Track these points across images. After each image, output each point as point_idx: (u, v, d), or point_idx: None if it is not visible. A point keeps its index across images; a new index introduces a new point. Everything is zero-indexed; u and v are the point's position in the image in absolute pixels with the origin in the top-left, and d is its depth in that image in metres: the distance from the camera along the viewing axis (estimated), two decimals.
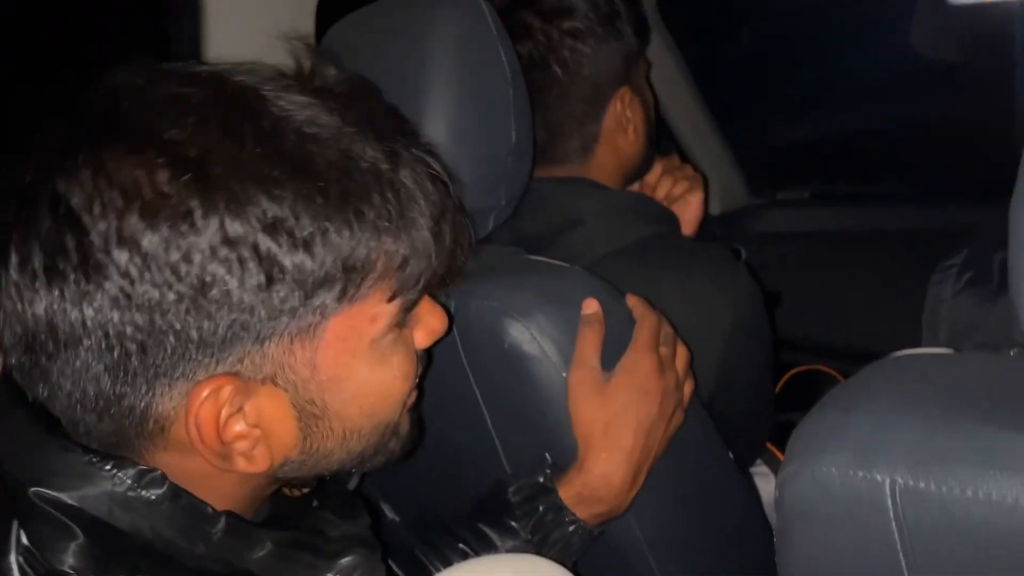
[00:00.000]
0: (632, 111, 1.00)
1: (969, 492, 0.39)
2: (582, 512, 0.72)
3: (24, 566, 0.48)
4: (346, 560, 0.56)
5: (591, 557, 0.76)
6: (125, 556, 0.49)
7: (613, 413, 0.72)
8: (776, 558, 0.50)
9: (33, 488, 0.49)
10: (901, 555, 0.41)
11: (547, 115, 0.97)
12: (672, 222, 1.02)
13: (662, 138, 1.69)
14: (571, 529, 0.72)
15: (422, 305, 0.59)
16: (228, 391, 0.50)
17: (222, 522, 0.52)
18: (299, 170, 0.48)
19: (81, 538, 0.48)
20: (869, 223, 1.68)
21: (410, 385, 0.59)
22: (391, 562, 0.75)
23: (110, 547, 0.49)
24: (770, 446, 1.09)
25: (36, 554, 0.48)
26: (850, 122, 1.95)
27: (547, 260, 0.81)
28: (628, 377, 0.73)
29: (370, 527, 0.63)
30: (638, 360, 0.73)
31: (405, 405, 0.60)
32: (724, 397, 0.93)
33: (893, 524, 0.42)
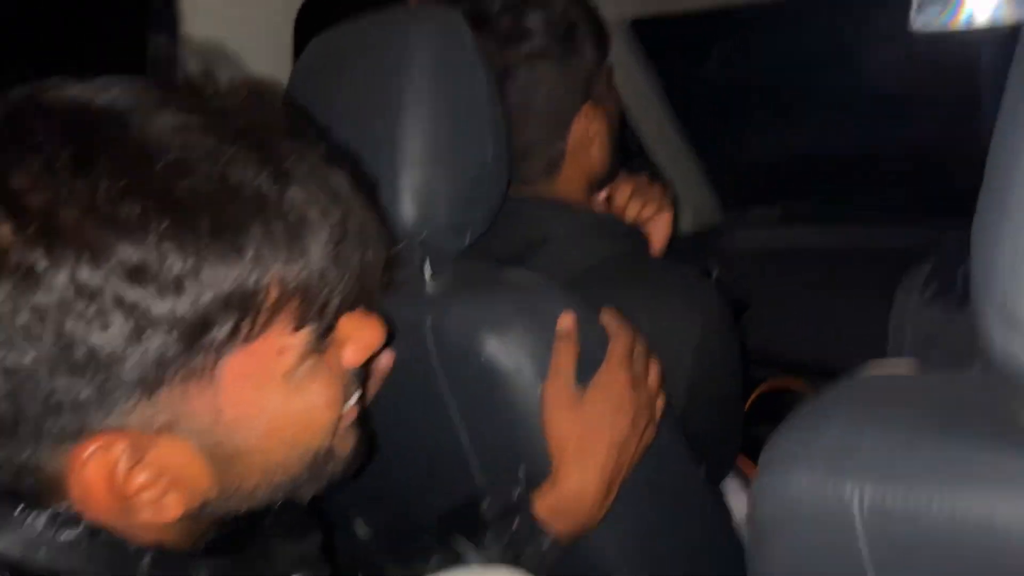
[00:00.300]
0: (597, 124, 1.00)
1: (935, 507, 0.40)
2: (555, 526, 0.72)
3: None
4: None
5: (562, 571, 0.77)
6: None
7: (587, 428, 0.72)
8: (748, 570, 0.51)
9: None
10: (870, 569, 0.42)
11: (511, 138, 0.97)
12: (640, 241, 1.03)
13: (634, 157, 1.71)
14: (543, 544, 0.72)
15: (348, 322, 0.54)
16: (120, 447, 0.46)
17: (147, 558, 0.50)
18: (164, 205, 0.44)
19: None
20: (838, 241, 1.70)
21: (337, 411, 0.55)
22: None
23: None
24: (740, 462, 1.10)
25: None
26: (820, 141, 1.98)
27: (524, 274, 0.82)
28: (603, 392, 0.73)
29: (322, 545, 0.62)
30: (613, 375, 0.74)
31: (336, 429, 0.55)
32: (694, 413, 0.94)
33: (861, 539, 0.42)
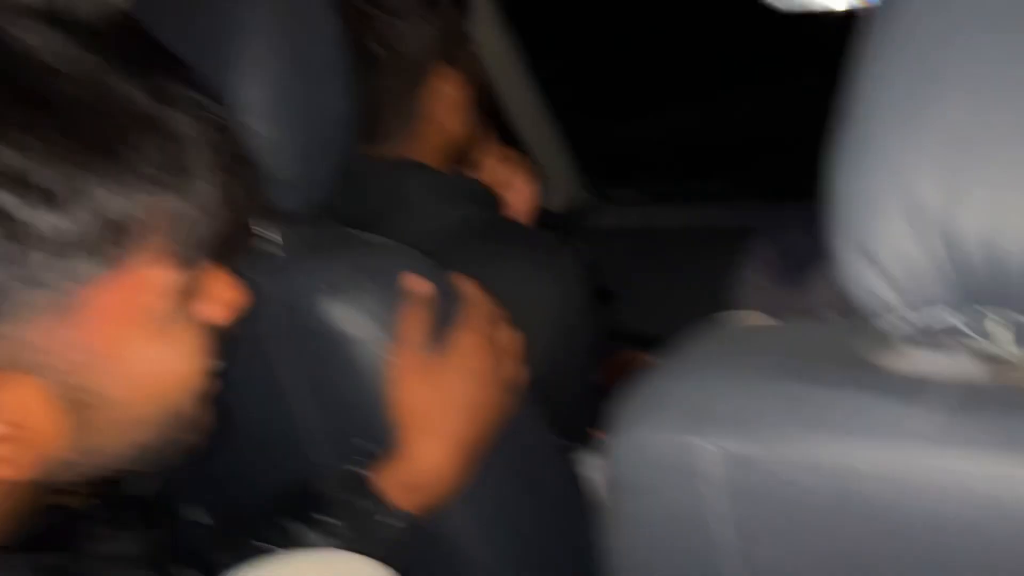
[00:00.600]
0: (455, 89, 0.97)
1: (796, 456, 0.38)
2: (405, 502, 0.67)
3: None
4: None
5: (418, 549, 0.72)
6: None
7: (439, 396, 0.67)
8: (605, 532, 0.47)
9: None
10: (728, 522, 0.39)
11: (362, 93, 0.92)
12: (498, 206, 1.00)
13: (499, 136, 1.69)
14: (392, 522, 0.66)
15: (215, 276, 0.52)
16: None
17: None
18: (46, 112, 0.41)
19: None
20: (702, 221, 1.74)
21: (202, 365, 0.52)
22: (176, 569, 0.68)
23: None
24: (597, 433, 1.09)
25: None
26: (684, 123, 2.01)
27: (372, 236, 0.76)
28: (456, 359, 0.69)
29: (157, 540, 0.57)
30: (466, 340, 0.70)
31: (196, 392, 0.53)
32: (549, 383, 0.91)
33: (719, 491, 0.40)
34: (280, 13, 0.71)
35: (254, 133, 0.70)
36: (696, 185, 1.85)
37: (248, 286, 0.60)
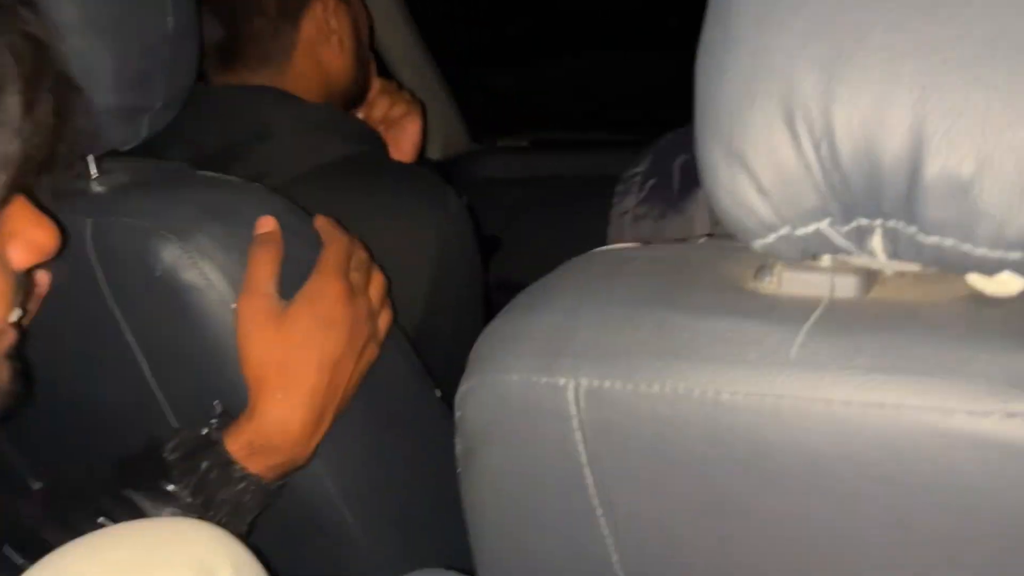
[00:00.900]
0: (338, 21, 0.90)
1: (655, 387, 0.34)
2: (255, 465, 0.61)
3: None
4: None
5: (276, 513, 0.66)
6: None
7: (291, 347, 0.61)
8: (460, 485, 0.43)
9: None
10: (586, 464, 0.35)
11: (231, 8, 0.84)
12: (377, 142, 0.93)
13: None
14: (241, 486, 0.60)
15: (20, 212, 0.47)
16: None
17: None
18: None
19: None
20: (584, 169, 1.71)
21: (5, 311, 0.47)
22: (8, 550, 0.61)
23: None
24: None
25: None
26: (566, 72, 1.98)
27: (214, 174, 0.68)
28: (310, 306, 0.62)
29: None
30: (322, 287, 0.63)
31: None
32: (432, 329, 0.87)
33: (577, 431, 0.36)
34: None
35: (69, 56, 0.61)
36: (581, 133, 1.83)
37: (61, 227, 0.53)
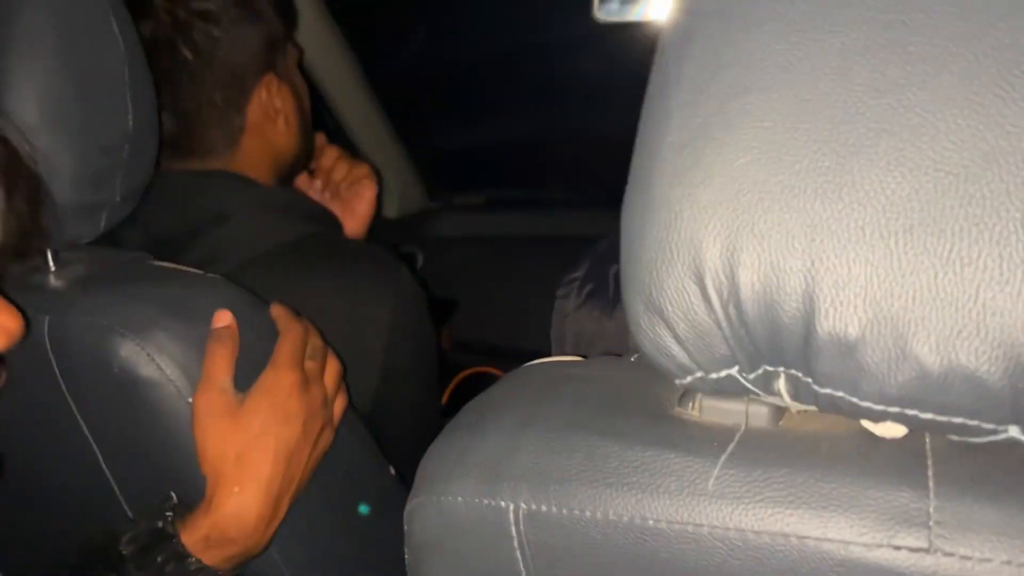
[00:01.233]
0: (281, 100, 0.92)
1: (588, 513, 0.37)
2: (211, 558, 0.62)
3: None
4: None
5: None
6: None
7: (247, 440, 0.63)
8: None
9: None
10: None
11: (181, 103, 0.86)
12: (330, 222, 0.96)
13: (337, 140, 1.64)
14: None
15: None
16: None
17: None
18: None
19: None
20: (536, 228, 1.75)
21: None
22: None
23: None
24: None
25: None
26: (522, 132, 2.03)
27: (172, 266, 0.70)
28: (266, 398, 0.64)
29: None
30: (278, 378, 0.66)
31: None
32: (387, 406, 0.88)
33: (518, 552, 0.38)
34: (57, 25, 0.64)
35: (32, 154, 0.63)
36: (536, 192, 1.86)
37: (23, 315, 0.55)
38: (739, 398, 0.38)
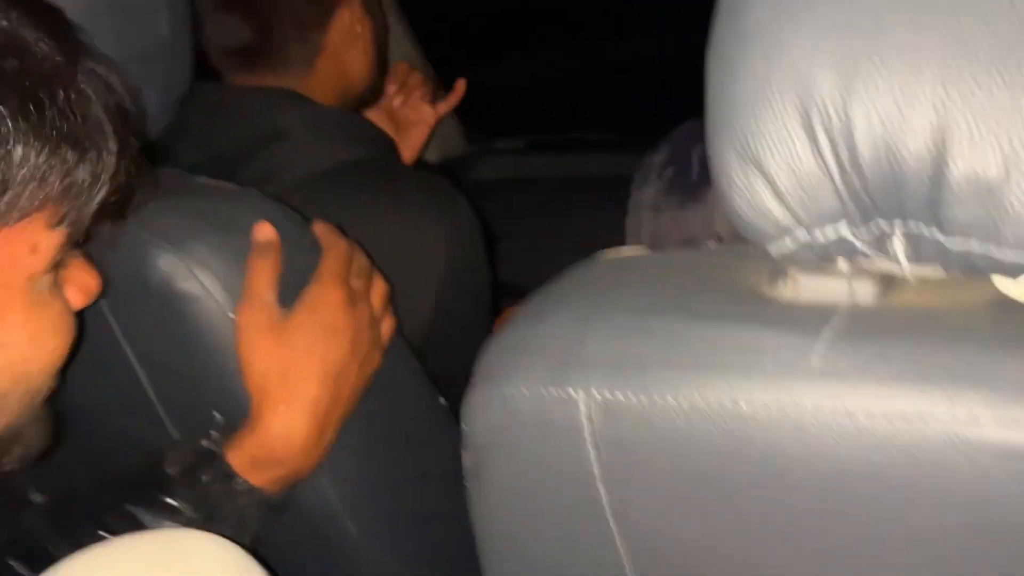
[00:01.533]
0: (363, 27, 0.91)
1: (670, 399, 0.33)
2: (258, 478, 0.60)
3: None
4: None
5: (278, 524, 0.65)
6: None
7: (292, 357, 0.60)
8: (469, 499, 0.42)
9: None
10: (599, 478, 0.34)
11: (261, 14, 0.84)
12: (388, 147, 0.94)
13: None
14: (244, 499, 0.59)
15: (75, 258, 0.52)
16: None
17: None
18: None
19: None
20: (580, 170, 1.71)
21: (66, 345, 0.51)
22: (13, 562, 0.60)
23: None
24: None
25: None
26: (560, 72, 1.97)
27: (211, 180, 0.68)
28: (310, 314, 0.62)
29: None
30: (323, 294, 0.63)
31: (57, 370, 0.52)
32: (441, 335, 0.86)
33: (590, 446, 0.35)
34: None
35: None
36: (578, 134, 1.82)
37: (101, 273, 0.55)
38: (840, 275, 0.34)
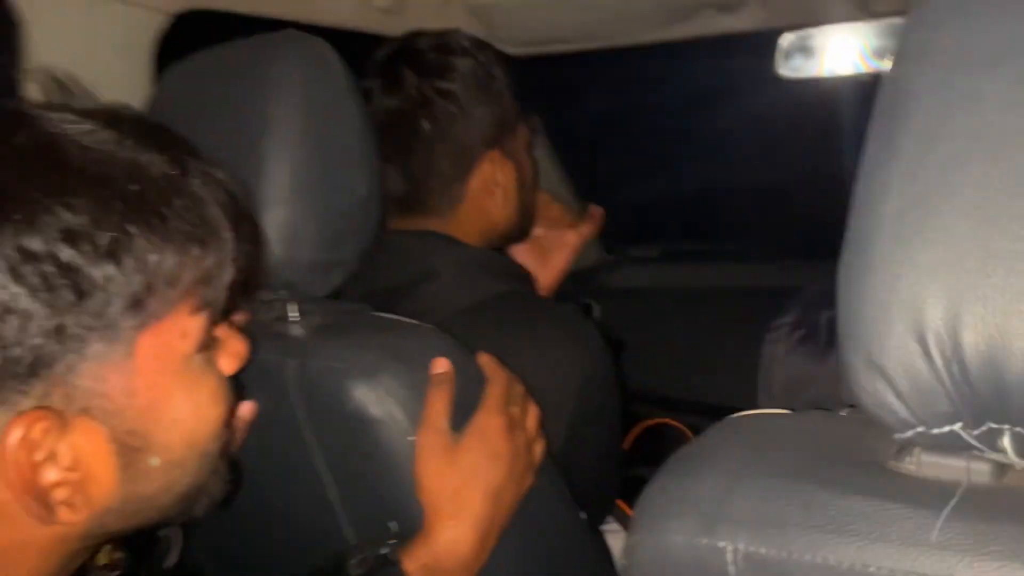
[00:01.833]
0: (503, 175, 1.00)
1: (807, 557, 0.39)
2: None
3: None
4: None
5: None
6: None
7: (462, 478, 0.69)
8: None
9: None
10: None
11: (413, 168, 0.97)
12: (526, 280, 1.02)
13: None
14: None
15: (223, 329, 0.58)
16: (40, 428, 0.46)
17: None
18: (90, 178, 0.47)
19: None
20: (712, 280, 1.75)
21: (226, 409, 0.57)
22: None
23: None
24: (620, 503, 1.09)
25: None
26: (698, 184, 2.04)
27: (395, 317, 0.78)
28: (478, 440, 0.70)
29: None
30: (488, 422, 0.71)
31: (222, 436, 0.58)
32: (574, 455, 0.92)
33: None
34: (305, 108, 0.74)
35: (275, 218, 0.73)
36: (709, 245, 1.87)
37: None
38: (959, 454, 0.39)
